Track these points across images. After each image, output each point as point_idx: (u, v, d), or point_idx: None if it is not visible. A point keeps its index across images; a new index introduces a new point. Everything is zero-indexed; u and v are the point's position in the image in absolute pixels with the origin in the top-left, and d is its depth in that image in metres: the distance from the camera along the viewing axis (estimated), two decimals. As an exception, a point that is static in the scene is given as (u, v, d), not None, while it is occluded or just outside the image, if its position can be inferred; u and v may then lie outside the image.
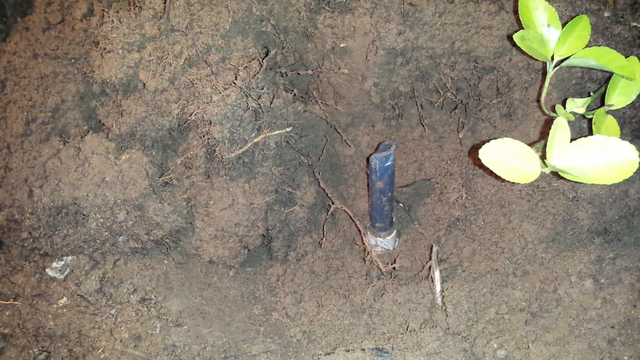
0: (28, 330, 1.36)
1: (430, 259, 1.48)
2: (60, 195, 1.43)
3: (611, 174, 0.98)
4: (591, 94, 1.28)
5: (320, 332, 1.45)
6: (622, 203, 1.28)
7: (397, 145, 1.73)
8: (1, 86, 1.63)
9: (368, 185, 1.58)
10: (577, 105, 1.24)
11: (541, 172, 1.05)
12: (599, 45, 1.18)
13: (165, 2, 1.43)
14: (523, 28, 1.20)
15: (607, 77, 1.24)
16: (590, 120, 1.19)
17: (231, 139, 1.39)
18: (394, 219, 1.60)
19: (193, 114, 1.40)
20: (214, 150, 1.41)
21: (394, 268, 1.55)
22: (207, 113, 1.37)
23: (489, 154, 1.04)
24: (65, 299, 1.42)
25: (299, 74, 1.61)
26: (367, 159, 1.43)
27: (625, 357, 1.12)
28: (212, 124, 1.38)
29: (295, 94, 1.56)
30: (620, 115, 1.25)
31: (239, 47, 1.44)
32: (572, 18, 1.20)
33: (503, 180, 1.22)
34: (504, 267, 1.37)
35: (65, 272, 1.47)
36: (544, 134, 1.39)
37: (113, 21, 1.44)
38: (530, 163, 1.04)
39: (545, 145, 1.06)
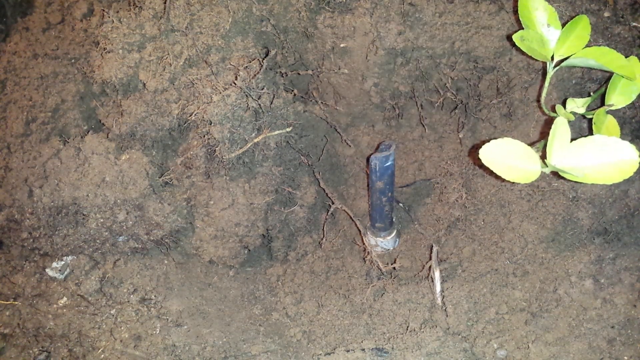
0: (28, 330, 1.36)
1: (430, 259, 1.48)
2: (60, 195, 1.44)
3: (611, 174, 0.98)
4: (591, 94, 1.28)
5: (320, 332, 1.45)
6: (622, 203, 1.28)
7: (397, 145, 1.73)
8: (1, 86, 1.63)
9: (368, 185, 1.58)
10: (577, 105, 1.24)
11: (541, 172, 1.05)
12: (599, 45, 1.18)
13: (165, 2, 1.43)
14: (523, 28, 1.20)
15: (607, 77, 1.24)
16: (590, 120, 1.19)
17: (231, 139, 1.39)
18: (394, 219, 1.60)
19: (193, 114, 1.40)
20: (214, 150, 1.41)
21: (394, 268, 1.55)
22: (207, 113, 1.37)
23: (489, 154, 1.04)
24: (65, 299, 1.42)
25: (299, 74, 1.61)
26: (367, 159, 1.43)
27: (625, 357, 1.12)
28: (212, 124, 1.38)
29: (295, 94, 1.56)
30: (620, 115, 1.25)
31: (239, 47, 1.44)
32: (572, 18, 1.20)
33: (503, 180, 1.22)
34: (504, 267, 1.37)
35: (65, 272, 1.47)
36: (544, 134, 1.39)
37: (113, 21, 1.44)
38: (530, 163, 1.05)
39: (545, 145, 1.06)
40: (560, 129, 1.03)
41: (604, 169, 0.99)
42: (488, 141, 1.04)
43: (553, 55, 1.20)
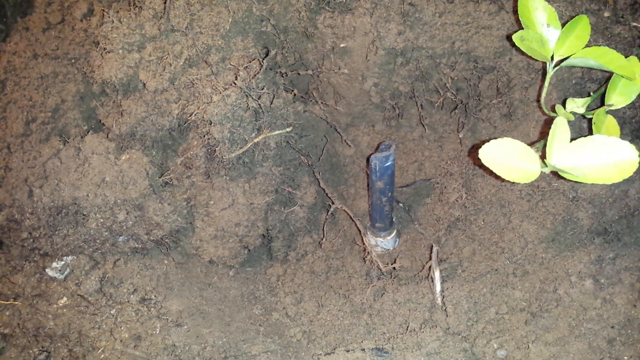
0: (28, 330, 1.36)
1: (430, 259, 1.48)
2: (60, 195, 1.44)
3: (611, 174, 0.98)
4: (591, 94, 1.28)
5: (320, 332, 1.45)
6: (622, 203, 1.28)
7: (397, 145, 1.73)
8: (1, 86, 1.63)
9: (368, 185, 1.58)
10: (577, 105, 1.24)
11: (541, 172, 1.05)
12: (599, 45, 1.18)
13: (165, 2, 1.43)
14: (523, 28, 1.20)
15: (607, 77, 1.24)
16: (590, 120, 1.19)
17: (231, 139, 1.39)
18: (394, 219, 1.60)
19: (193, 114, 1.40)
20: (214, 150, 1.41)
21: (394, 268, 1.55)
22: (207, 113, 1.37)
23: (488, 154, 1.04)
24: (65, 299, 1.42)
25: (299, 74, 1.61)
26: (367, 159, 1.43)
27: (625, 357, 1.12)
28: (212, 124, 1.38)
29: (295, 94, 1.56)
30: (620, 115, 1.25)
31: (239, 47, 1.44)
32: (572, 18, 1.20)
33: (503, 180, 1.22)
34: (504, 267, 1.37)
35: (65, 272, 1.47)
36: (544, 134, 1.39)
37: (113, 21, 1.44)
38: (530, 163, 1.04)
39: (545, 145, 1.06)
40: (560, 129, 1.02)
41: (604, 169, 0.99)
42: (488, 141, 1.04)
43: (553, 55, 1.20)
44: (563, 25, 1.20)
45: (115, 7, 1.53)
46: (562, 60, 1.20)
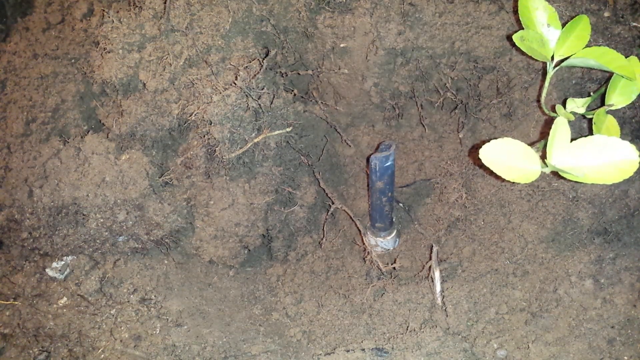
0: (28, 330, 1.36)
1: (430, 259, 1.48)
2: (60, 195, 1.44)
3: (611, 174, 0.98)
4: (591, 94, 1.28)
5: (320, 332, 1.45)
6: (622, 203, 1.28)
7: (397, 145, 1.73)
8: (1, 86, 1.63)
9: (368, 185, 1.58)
10: (577, 105, 1.24)
11: (541, 172, 1.05)
12: (599, 45, 1.18)
13: (165, 2, 1.43)
14: (523, 28, 1.20)
15: (607, 77, 1.24)
16: (590, 120, 1.19)
17: (231, 139, 1.39)
18: (394, 219, 1.60)
19: (193, 114, 1.40)
20: (214, 150, 1.41)
21: (394, 268, 1.55)
22: (207, 113, 1.37)
23: (489, 154, 1.04)
24: (65, 299, 1.42)
25: (299, 74, 1.61)
26: (367, 159, 1.43)
27: (625, 357, 1.12)
28: (212, 124, 1.38)
29: (295, 94, 1.56)
30: (620, 115, 1.25)
31: (239, 47, 1.44)
32: (572, 18, 1.20)
33: (503, 180, 1.22)
34: (504, 267, 1.37)
35: (65, 272, 1.47)
36: (544, 134, 1.39)
37: (113, 21, 1.44)
38: (530, 163, 1.04)
39: (545, 145, 1.06)
40: (561, 129, 1.02)
41: (604, 169, 0.99)
42: (488, 141, 1.04)
43: (553, 55, 1.20)
44: (563, 25, 1.20)
45: (115, 7, 1.53)
46: (562, 60, 1.20)
